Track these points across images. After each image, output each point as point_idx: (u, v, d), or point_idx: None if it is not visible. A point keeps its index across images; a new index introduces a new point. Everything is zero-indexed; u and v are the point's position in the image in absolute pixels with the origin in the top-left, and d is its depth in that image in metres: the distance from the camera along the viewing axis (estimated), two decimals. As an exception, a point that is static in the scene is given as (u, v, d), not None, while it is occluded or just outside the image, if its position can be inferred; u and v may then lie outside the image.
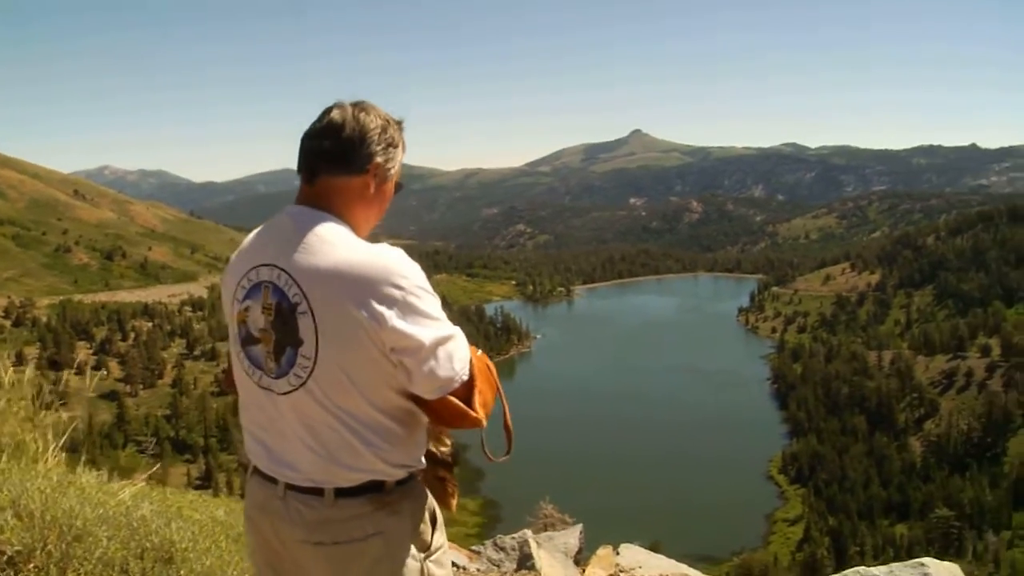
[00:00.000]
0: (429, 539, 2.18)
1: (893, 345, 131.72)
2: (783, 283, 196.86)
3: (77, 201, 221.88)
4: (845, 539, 76.21)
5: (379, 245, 2.02)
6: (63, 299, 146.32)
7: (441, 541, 2.24)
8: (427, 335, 1.97)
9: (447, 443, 2.43)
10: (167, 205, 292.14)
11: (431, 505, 2.23)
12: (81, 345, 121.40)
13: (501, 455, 2.29)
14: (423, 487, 2.22)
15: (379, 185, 2.16)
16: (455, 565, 5.25)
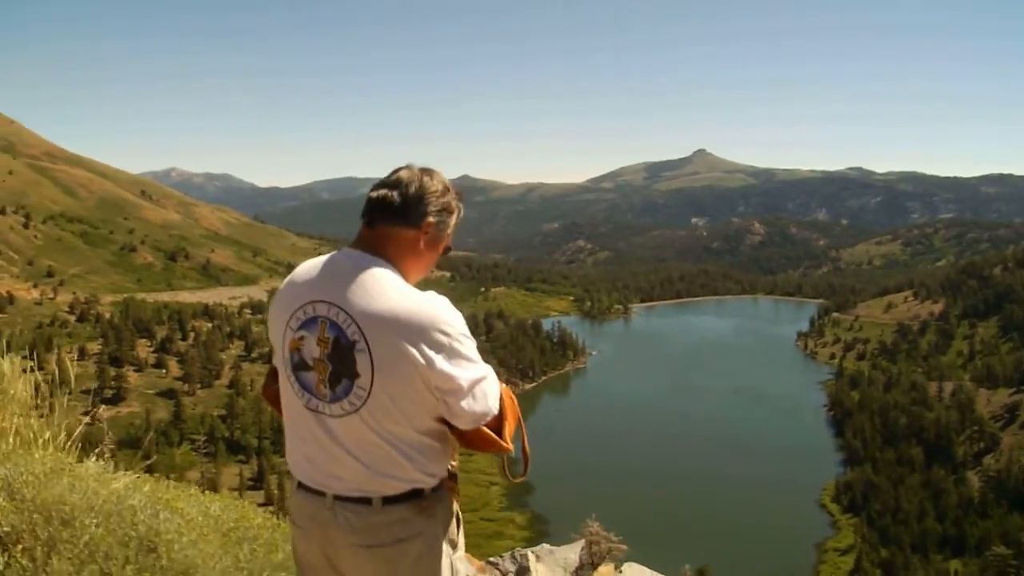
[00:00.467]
0: (456, 538, 2.53)
1: (955, 376, 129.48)
2: (844, 309, 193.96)
3: (144, 202, 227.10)
4: (897, 572, 75.09)
5: (428, 293, 2.31)
6: (126, 297, 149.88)
7: (463, 542, 2.60)
8: (467, 376, 2.28)
9: (456, 458, 2.66)
10: (231, 209, 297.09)
11: (456, 508, 2.55)
12: (142, 343, 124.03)
13: (519, 476, 2.74)
14: (451, 494, 2.52)
15: (430, 242, 2.43)
16: None
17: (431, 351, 2.22)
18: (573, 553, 5.97)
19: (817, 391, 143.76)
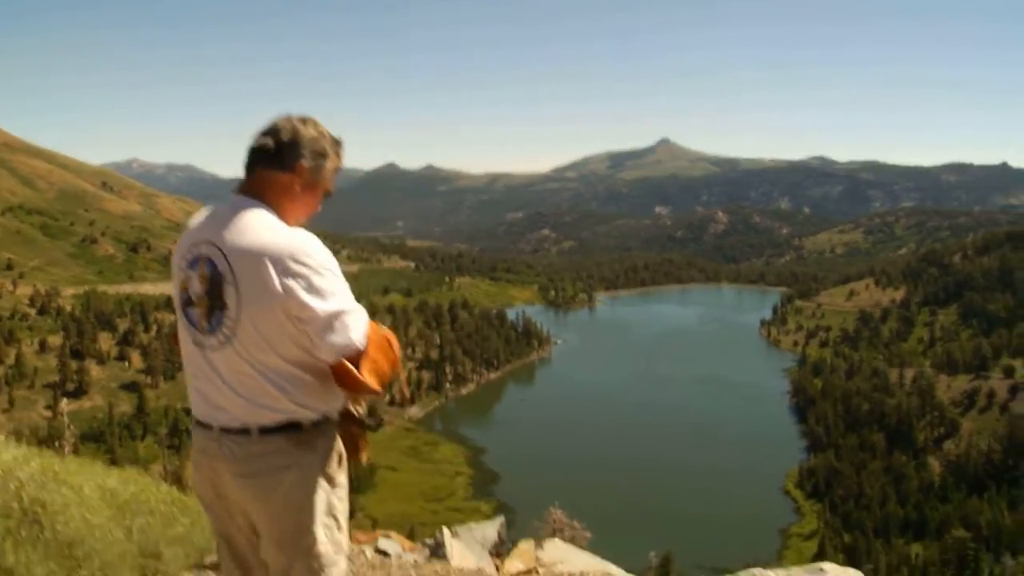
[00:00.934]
0: (335, 475, 2.60)
1: (915, 363, 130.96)
2: (806, 296, 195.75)
3: (105, 193, 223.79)
4: (860, 556, 75.58)
5: (297, 229, 2.47)
6: (88, 289, 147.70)
7: (344, 481, 2.66)
8: (325, 307, 2.36)
9: (363, 405, 2.76)
10: (193, 200, 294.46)
11: (340, 448, 2.63)
12: (104, 336, 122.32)
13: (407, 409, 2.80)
14: (335, 432, 2.62)
15: (305, 185, 2.56)
16: (385, 552, 5.43)
17: (290, 280, 2.34)
18: (492, 530, 6.00)
19: (780, 378, 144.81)
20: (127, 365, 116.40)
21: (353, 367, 2.43)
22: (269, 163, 2.53)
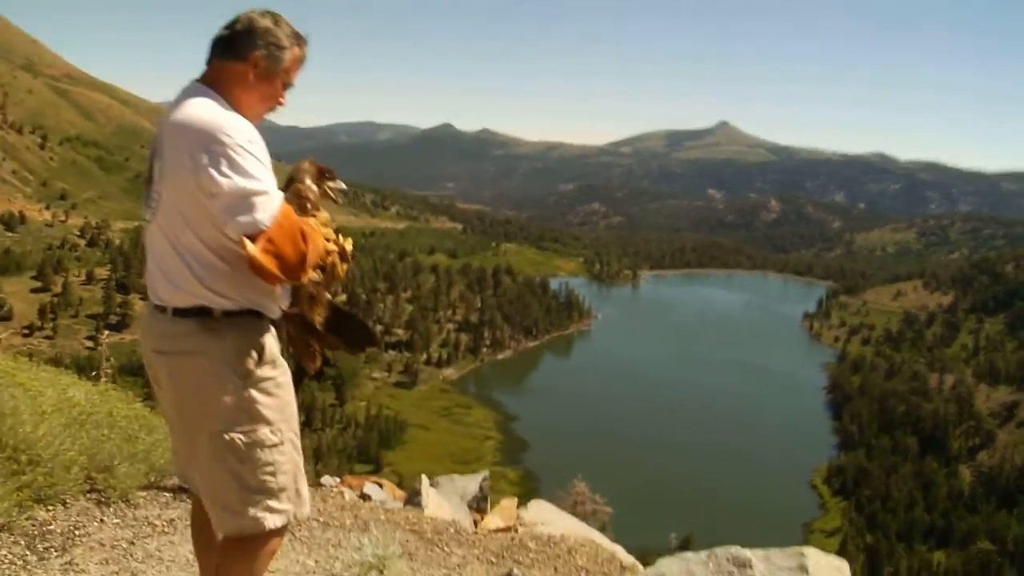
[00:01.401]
0: (251, 368, 2.54)
1: (957, 370, 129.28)
2: (852, 293, 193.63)
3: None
4: (881, 558, 75.51)
5: (230, 112, 2.46)
6: (137, 225, 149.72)
7: (271, 375, 2.59)
8: (234, 184, 2.34)
9: (321, 314, 2.77)
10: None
11: (262, 343, 2.58)
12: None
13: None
14: (259, 325, 2.60)
15: (260, 75, 2.56)
16: (368, 497, 5.57)
17: (203, 156, 2.33)
18: (473, 484, 6.04)
19: (818, 373, 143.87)
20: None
21: (250, 244, 2.38)
22: (223, 53, 2.55)
